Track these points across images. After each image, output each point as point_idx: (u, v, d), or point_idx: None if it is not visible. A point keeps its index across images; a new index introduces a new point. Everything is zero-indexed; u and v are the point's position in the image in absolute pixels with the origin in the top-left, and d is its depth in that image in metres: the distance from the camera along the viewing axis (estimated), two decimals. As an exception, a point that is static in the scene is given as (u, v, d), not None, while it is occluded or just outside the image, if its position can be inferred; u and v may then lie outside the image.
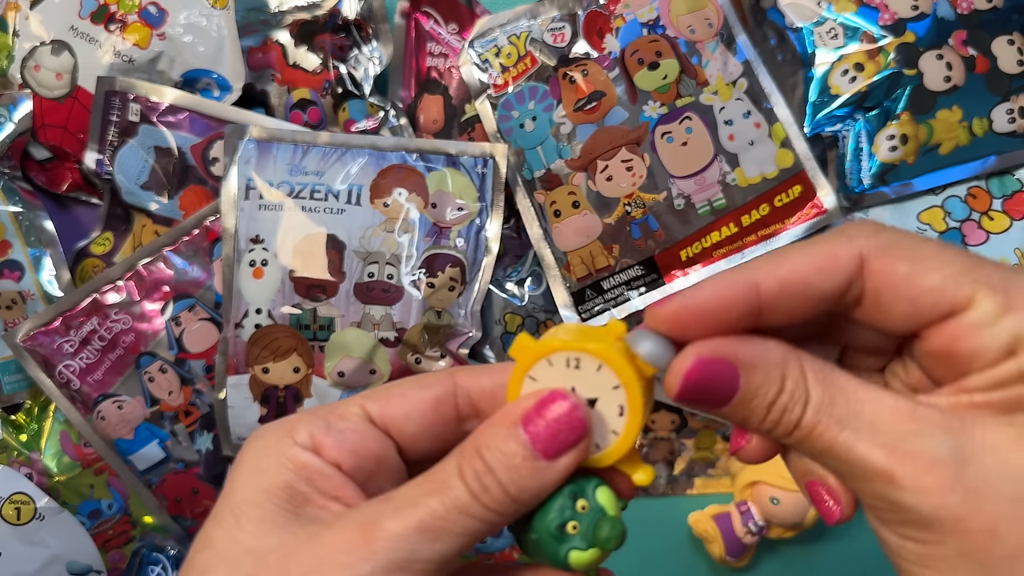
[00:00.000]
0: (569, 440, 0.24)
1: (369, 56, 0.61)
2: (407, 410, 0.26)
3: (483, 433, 0.24)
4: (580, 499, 0.25)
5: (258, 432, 0.26)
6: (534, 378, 0.25)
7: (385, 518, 0.23)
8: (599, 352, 0.24)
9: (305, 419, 0.25)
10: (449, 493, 0.23)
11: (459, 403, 0.26)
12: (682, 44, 0.57)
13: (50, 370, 0.55)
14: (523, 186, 0.58)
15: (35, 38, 0.56)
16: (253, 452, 0.25)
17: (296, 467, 0.24)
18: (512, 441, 0.24)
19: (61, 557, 0.54)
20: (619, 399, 0.25)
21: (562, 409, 0.24)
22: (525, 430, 0.24)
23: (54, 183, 0.59)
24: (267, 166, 0.56)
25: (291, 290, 0.55)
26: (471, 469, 0.24)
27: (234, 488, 0.24)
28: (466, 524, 0.23)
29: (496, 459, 0.23)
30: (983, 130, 0.55)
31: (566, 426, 0.24)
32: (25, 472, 0.55)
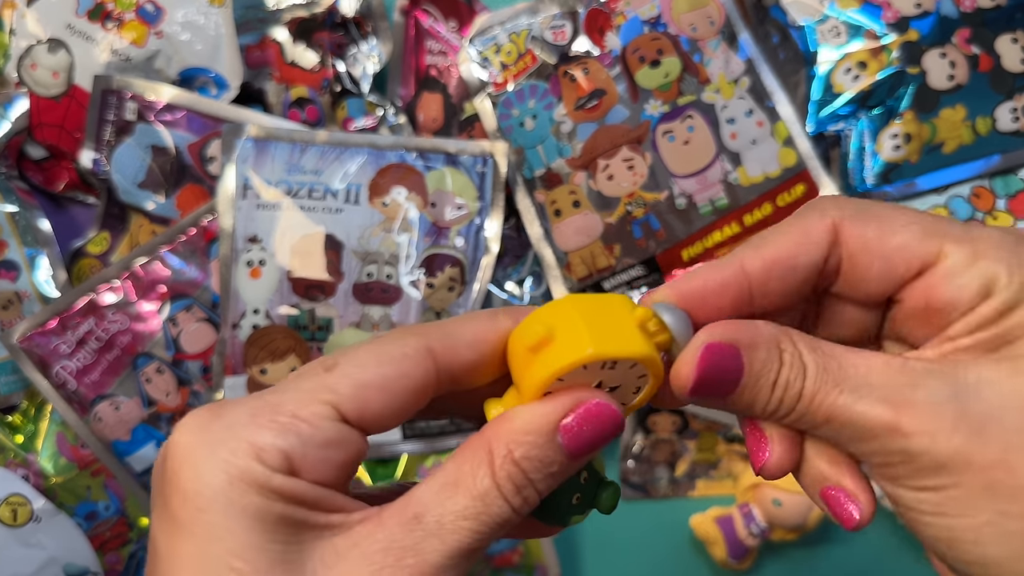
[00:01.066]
0: (606, 440, 0.24)
1: (368, 54, 0.60)
2: (386, 402, 0.23)
3: (516, 439, 0.23)
4: (584, 471, 0.26)
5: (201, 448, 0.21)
6: (561, 379, 0.24)
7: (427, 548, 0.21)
8: (644, 358, 0.24)
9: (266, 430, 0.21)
10: (489, 510, 0.22)
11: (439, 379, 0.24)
12: (684, 42, 0.56)
13: (46, 371, 0.55)
14: (523, 185, 0.57)
15: (31, 36, 0.56)
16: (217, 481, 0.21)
17: (284, 498, 0.21)
18: (551, 449, 0.23)
19: (58, 559, 0.54)
20: (640, 383, 0.25)
21: (602, 414, 0.23)
22: (563, 439, 0.23)
23: (50, 182, 0.59)
24: (265, 165, 0.56)
25: (289, 290, 0.55)
26: (511, 483, 0.22)
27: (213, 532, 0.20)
28: (500, 535, 0.23)
29: (535, 468, 0.23)
30: (987, 129, 0.54)
31: (606, 430, 0.23)
32: (21, 473, 0.55)
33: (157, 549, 0.21)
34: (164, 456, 0.22)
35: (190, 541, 0.20)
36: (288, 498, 0.21)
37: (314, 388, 0.22)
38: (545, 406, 0.23)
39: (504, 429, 0.23)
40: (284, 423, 0.21)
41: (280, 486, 0.21)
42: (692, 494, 0.62)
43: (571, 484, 0.25)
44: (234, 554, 0.20)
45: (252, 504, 0.20)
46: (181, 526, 0.21)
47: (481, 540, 0.22)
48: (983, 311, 0.23)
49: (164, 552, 0.21)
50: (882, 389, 0.22)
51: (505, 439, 0.23)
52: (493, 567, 0.58)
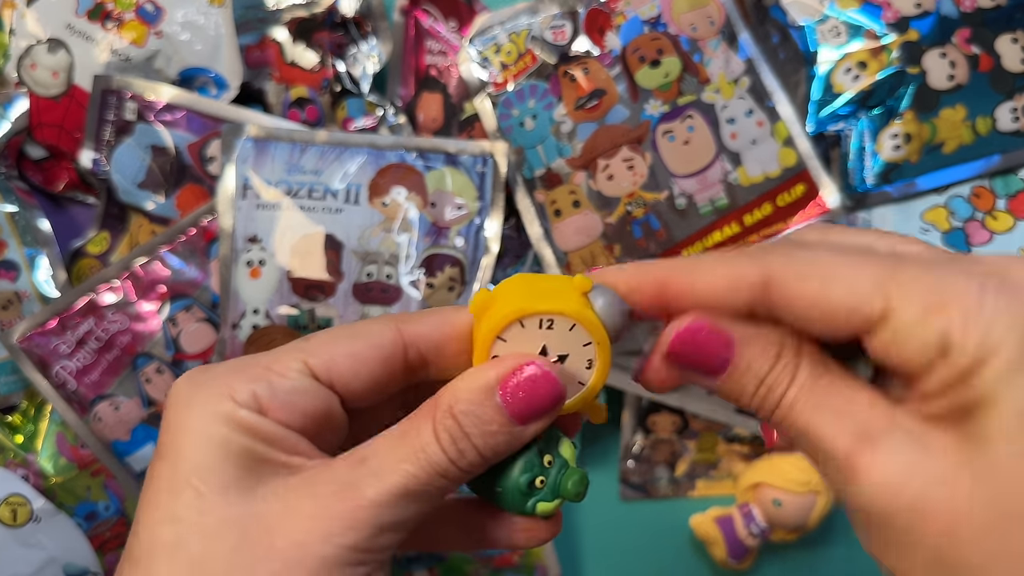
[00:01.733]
0: (545, 407, 0.24)
1: (367, 54, 0.60)
2: (355, 368, 0.25)
3: (457, 395, 0.24)
4: (546, 455, 0.26)
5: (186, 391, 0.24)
6: (504, 339, 0.25)
7: (365, 484, 0.23)
8: (576, 314, 0.25)
9: (242, 377, 0.24)
10: (428, 458, 0.23)
11: (408, 355, 0.26)
12: (684, 42, 0.56)
13: (46, 371, 0.55)
14: (523, 185, 0.57)
15: (31, 36, 0.56)
16: (193, 415, 0.23)
17: (246, 430, 0.23)
18: (489, 407, 0.24)
19: (58, 559, 0.54)
20: (589, 354, 0.25)
21: (539, 378, 0.24)
22: (501, 397, 0.24)
23: (50, 182, 0.59)
24: (264, 165, 0.56)
25: (289, 290, 0.55)
26: (447, 434, 0.24)
27: (182, 454, 0.23)
28: (442, 485, 0.24)
29: (472, 423, 0.24)
30: (987, 129, 0.54)
31: (543, 394, 0.24)
32: (21, 474, 0.55)
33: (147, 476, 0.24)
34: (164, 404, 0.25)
35: (164, 463, 0.23)
36: (251, 432, 0.23)
37: (290, 348, 0.25)
38: (486, 366, 0.25)
39: (449, 387, 0.25)
40: (258, 372, 0.24)
41: (245, 419, 0.23)
42: (692, 494, 0.62)
43: (530, 464, 0.25)
44: (195, 473, 0.23)
45: (219, 434, 0.23)
46: (161, 453, 0.24)
47: (418, 483, 0.23)
48: (941, 375, 0.21)
49: (146, 480, 0.24)
50: (855, 425, 0.22)
51: (448, 395, 0.24)
52: (493, 567, 0.58)
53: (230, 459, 0.23)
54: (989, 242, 0.55)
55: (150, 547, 0.22)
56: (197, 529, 0.22)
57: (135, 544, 0.23)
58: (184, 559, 0.22)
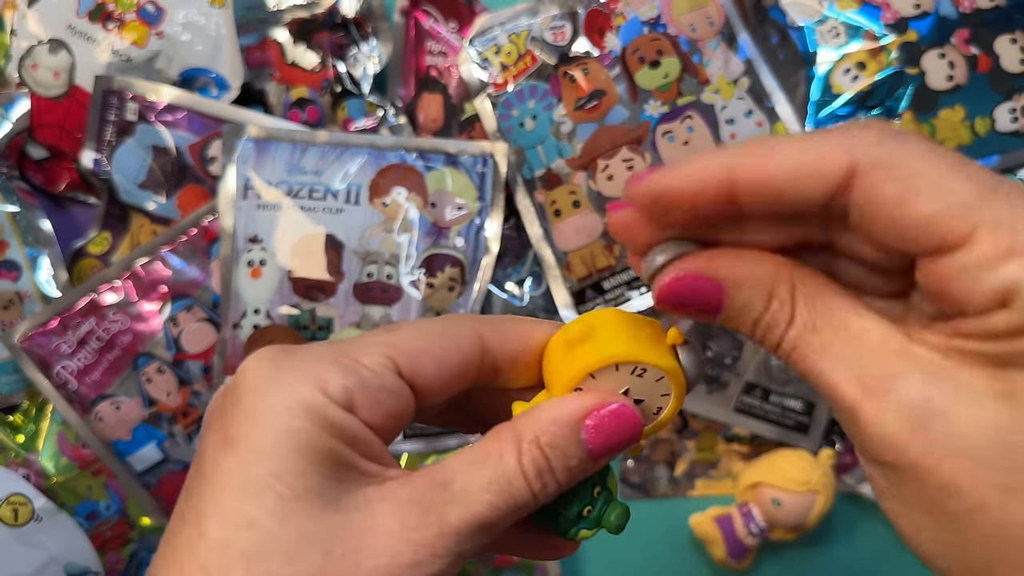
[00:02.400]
0: (623, 446, 0.24)
1: (368, 54, 0.60)
2: (436, 370, 0.24)
3: (543, 426, 0.24)
4: (597, 486, 0.26)
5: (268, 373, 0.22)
6: (594, 376, 0.25)
7: (449, 511, 0.22)
8: (671, 371, 0.25)
9: (333, 368, 0.22)
10: (511, 490, 0.23)
11: (483, 362, 0.25)
12: (683, 42, 0.56)
13: (47, 371, 0.55)
14: (523, 185, 0.57)
15: (32, 37, 0.56)
16: (276, 404, 0.21)
17: (336, 431, 0.22)
18: (573, 442, 0.24)
19: (59, 559, 0.54)
20: (662, 402, 0.26)
21: (625, 417, 0.24)
22: (587, 436, 0.24)
23: (51, 183, 0.59)
24: (265, 165, 0.56)
25: (289, 290, 0.55)
26: (534, 467, 0.23)
27: (259, 450, 0.21)
28: (517, 516, 0.24)
29: (556, 458, 0.23)
30: (986, 129, 0.55)
31: (626, 434, 0.24)
32: (22, 473, 0.55)
33: (203, 468, 0.22)
34: (232, 381, 0.23)
35: (236, 458, 0.21)
36: (339, 432, 0.22)
37: (376, 342, 0.24)
38: (574, 400, 0.24)
39: (533, 417, 0.24)
40: (348, 364, 0.22)
41: (336, 418, 0.22)
42: (691, 494, 0.62)
43: (583, 493, 0.26)
44: (277, 476, 0.21)
45: (305, 431, 0.21)
46: (232, 443, 0.21)
47: (499, 515, 0.23)
48: (996, 321, 0.20)
49: (209, 469, 0.21)
50: (862, 370, 0.21)
51: (534, 426, 0.24)
52: (493, 567, 0.59)
53: (315, 462, 0.21)
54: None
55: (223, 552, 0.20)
56: (278, 542, 0.20)
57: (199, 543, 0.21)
58: (263, 573, 0.20)
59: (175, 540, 0.21)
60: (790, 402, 0.59)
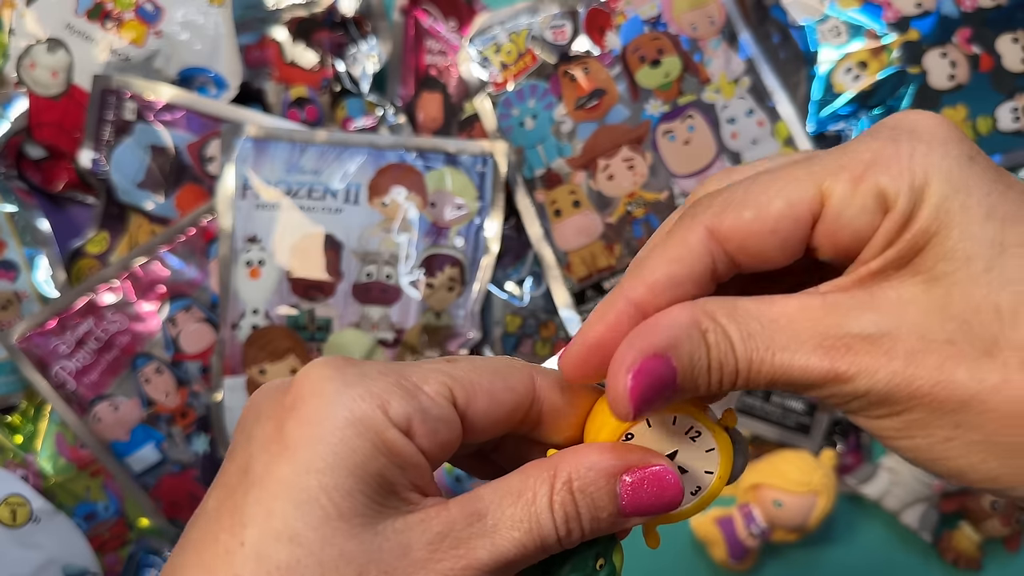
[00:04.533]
0: (658, 510, 0.24)
1: (367, 53, 0.60)
2: (488, 408, 0.24)
3: (579, 470, 0.23)
4: (600, 557, 0.25)
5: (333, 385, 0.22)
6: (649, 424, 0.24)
7: (479, 545, 0.22)
8: (723, 445, 0.24)
9: (396, 391, 0.22)
10: (540, 530, 0.23)
11: (532, 409, 0.25)
12: (684, 41, 0.56)
13: (45, 371, 0.55)
14: (523, 185, 0.57)
15: (31, 36, 0.56)
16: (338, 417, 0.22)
17: (391, 454, 0.22)
18: (606, 493, 0.23)
19: (57, 560, 0.54)
20: (701, 481, 0.25)
21: (666, 480, 0.24)
22: (622, 490, 0.24)
23: (49, 182, 0.58)
24: (264, 165, 0.55)
25: (288, 290, 0.55)
26: (563, 510, 0.23)
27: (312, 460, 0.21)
28: (539, 557, 0.23)
29: (586, 506, 0.23)
30: (988, 128, 0.54)
31: (665, 497, 0.24)
32: (20, 474, 0.55)
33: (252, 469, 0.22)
34: (293, 383, 0.23)
35: (292, 466, 0.21)
36: (394, 456, 0.22)
37: (437, 370, 0.24)
38: (617, 449, 0.24)
39: (572, 458, 0.24)
40: (409, 388, 0.23)
41: (394, 441, 0.22)
42: (692, 495, 0.62)
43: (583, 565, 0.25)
44: (326, 491, 0.21)
45: (362, 450, 0.21)
46: (288, 449, 0.21)
47: (525, 553, 0.23)
48: (886, 228, 0.21)
49: (260, 472, 0.22)
50: (812, 338, 0.22)
51: (570, 467, 0.23)
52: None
53: (364, 481, 0.22)
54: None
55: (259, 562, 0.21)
56: (316, 559, 0.21)
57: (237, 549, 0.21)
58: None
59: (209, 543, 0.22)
60: (791, 403, 0.58)
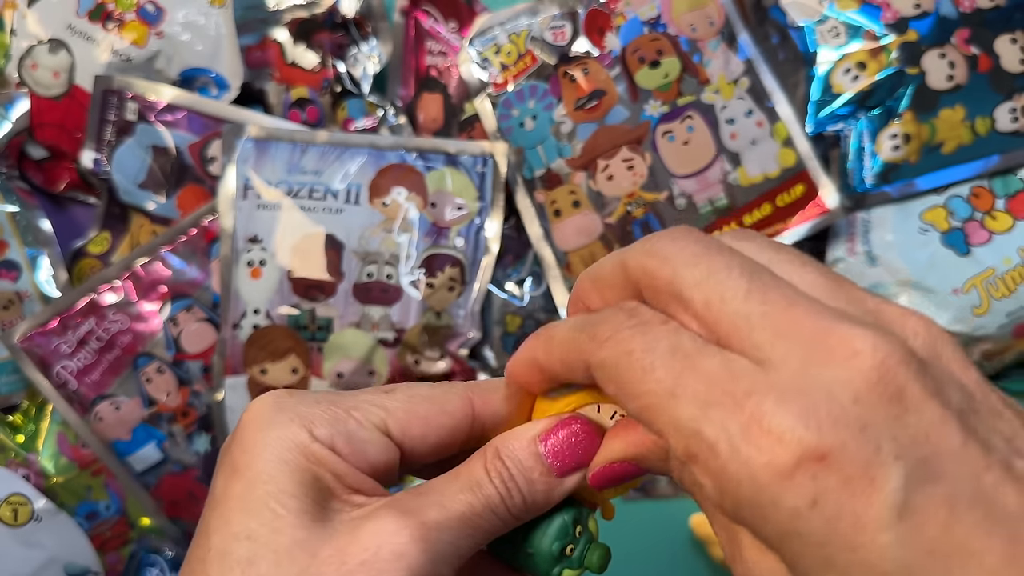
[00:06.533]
0: (582, 460, 0.25)
1: (368, 54, 0.60)
2: (425, 434, 0.26)
3: (504, 441, 0.26)
4: (579, 525, 0.27)
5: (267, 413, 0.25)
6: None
7: (429, 509, 0.24)
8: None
9: (323, 418, 0.25)
10: (482, 491, 0.25)
11: (473, 427, 0.27)
12: (683, 42, 0.56)
13: (47, 371, 0.55)
14: (523, 185, 0.57)
15: (32, 36, 0.56)
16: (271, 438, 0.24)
17: (320, 465, 0.24)
18: (531, 456, 0.25)
19: (58, 559, 0.54)
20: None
21: (579, 432, 0.25)
22: (544, 447, 0.25)
23: (51, 182, 0.59)
24: (265, 165, 0.56)
25: (289, 290, 0.55)
26: (497, 473, 0.25)
27: (259, 475, 0.24)
28: (492, 523, 0.25)
29: (516, 468, 0.25)
30: (986, 129, 0.54)
31: (581, 448, 0.25)
32: (22, 473, 0.55)
33: (215, 492, 0.25)
34: (240, 420, 0.26)
35: (241, 482, 0.24)
36: (323, 464, 0.24)
37: (371, 400, 0.26)
38: (535, 421, 0.26)
39: (498, 437, 0.26)
40: (337, 414, 0.25)
41: (318, 452, 0.24)
42: (692, 494, 0.62)
43: (565, 532, 0.26)
44: (273, 497, 0.23)
45: (294, 460, 0.24)
46: (237, 471, 0.24)
47: (475, 512, 0.24)
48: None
49: (220, 493, 0.24)
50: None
51: (496, 442, 0.26)
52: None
53: (306, 485, 0.24)
54: (988, 242, 0.55)
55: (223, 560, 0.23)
56: (271, 549, 0.23)
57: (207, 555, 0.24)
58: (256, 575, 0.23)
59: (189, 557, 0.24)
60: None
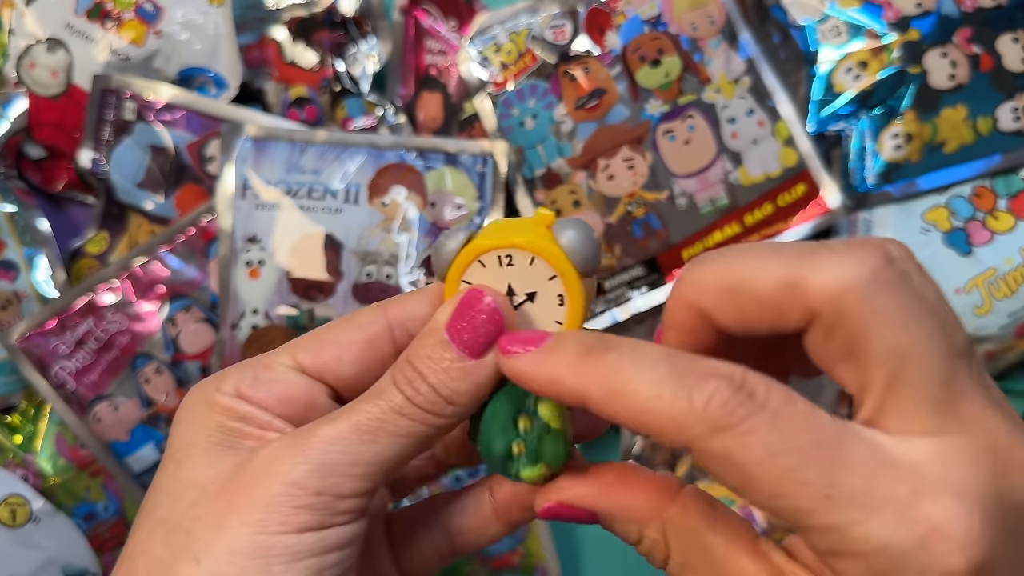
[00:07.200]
0: (489, 332, 0.24)
1: (367, 53, 0.60)
2: (339, 354, 0.26)
3: (414, 344, 0.25)
4: (522, 417, 0.25)
5: (187, 393, 0.27)
6: (468, 282, 0.25)
7: (319, 426, 0.24)
8: (529, 245, 0.24)
9: (232, 372, 0.26)
10: (383, 397, 0.24)
11: (396, 336, 0.26)
12: (684, 41, 0.56)
13: (45, 371, 0.55)
14: (523, 185, 0.57)
15: (30, 36, 0.56)
16: (184, 407, 0.26)
17: (224, 410, 0.25)
18: (437, 345, 0.24)
19: (56, 560, 0.54)
20: (557, 289, 0.24)
21: (478, 304, 0.24)
22: (448, 332, 0.24)
23: (49, 182, 0.58)
24: (264, 164, 0.55)
25: (288, 290, 0.55)
26: (403, 376, 0.24)
27: (171, 440, 0.26)
28: (403, 424, 0.24)
29: (425, 365, 0.24)
30: (988, 128, 0.54)
31: (484, 321, 0.24)
32: (20, 474, 0.55)
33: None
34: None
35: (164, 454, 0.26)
36: (227, 411, 0.25)
37: (281, 348, 0.27)
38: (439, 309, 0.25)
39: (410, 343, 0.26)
40: (244, 367, 0.26)
41: (220, 400, 0.25)
42: (692, 495, 0.62)
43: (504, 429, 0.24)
44: (178, 450, 0.25)
45: (199, 415, 0.25)
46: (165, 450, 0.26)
47: (370, 418, 0.24)
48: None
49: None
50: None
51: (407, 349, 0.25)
52: (492, 568, 0.58)
53: (206, 434, 0.25)
54: (990, 242, 0.54)
55: (136, 518, 0.25)
56: (167, 494, 0.25)
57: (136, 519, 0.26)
58: (153, 519, 0.24)
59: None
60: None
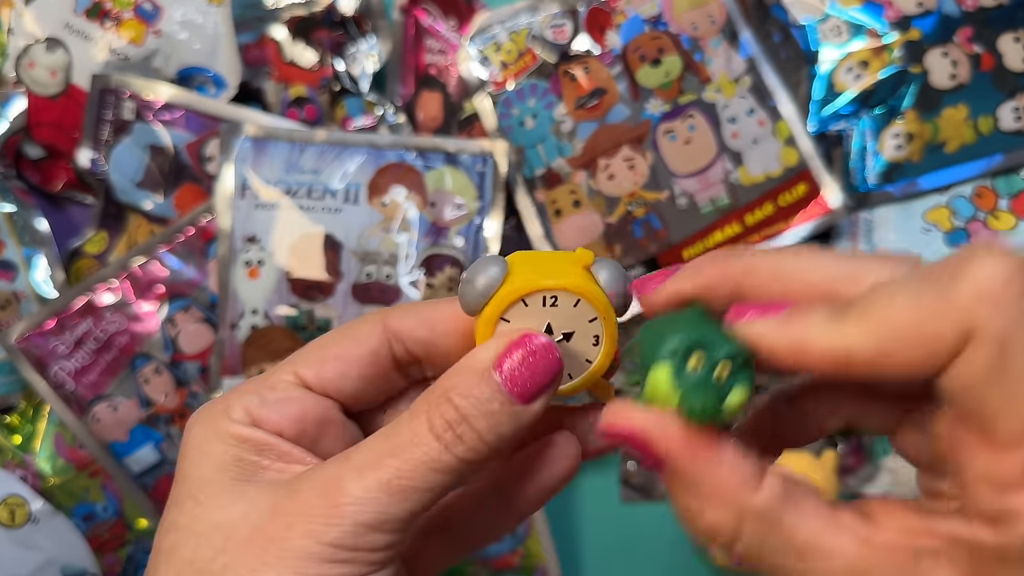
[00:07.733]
0: (544, 382, 0.23)
1: (367, 52, 0.60)
2: (343, 370, 0.25)
3: (453, 379, 0.23)
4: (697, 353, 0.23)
5: (192, 418, 0.26)
6: (507, 319, 0.24)
7: (347, 479, 0.23)
8: (579, 289, 0.24)
9: (237, 395, 0.25)
10: (415, 450, 0.23)
11: (395, 351, 0.26)
12: (685, 41, 0.56)
13: (44, 371, 0.54)
14: (523, 185, 0.57)
15: (29, 35, 0.56)
16: (194, 437, 0.25)
17: (239, 441, 0.24)
18: (486, 386, 0.23)
19: (55, 560, 0.54)
20: (595, 330, 0.25)
21: (535, 351, 0.23)
22: (500, 375, 0.23)
23: (48, 182, 0.58)
24: (263, 164, 0.55)
25: (287, 290, 0.55)
26: (442, 420, 0.23)
27: (185, 473, 0.25)
28: (435, 479, 0.23)
29: (471, 406, 0.23)
30: (989, 128, 0.54)
31: (541, 367, 0.23)
32: (19, 474, 0.55)
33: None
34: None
35: (175, 484, 0.25)
36: (243, 441, 0.24)
37: (282, 364, 0.26)
38: (481, 346, 0.24)
39: (446, 374, 0.24)
40: (251, 388, 0.25)
41: (236, 431, 0.24)
42: (693, 495, 0.62)
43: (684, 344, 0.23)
44: (195, 486, 0.24)
45: (214, 449, 0.24)
46: (175, 476, 0.25)
47: (402, 476, 0.22)
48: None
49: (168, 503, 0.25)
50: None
51: (444, 382, 0.24)
52: (493, 569, 0.58)
53: (224, 469, 0.24)
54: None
55: (155, 555, 0.24)
56: (190, 534, 0.23)
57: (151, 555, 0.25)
58: (178, 561, 0.23)
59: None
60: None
